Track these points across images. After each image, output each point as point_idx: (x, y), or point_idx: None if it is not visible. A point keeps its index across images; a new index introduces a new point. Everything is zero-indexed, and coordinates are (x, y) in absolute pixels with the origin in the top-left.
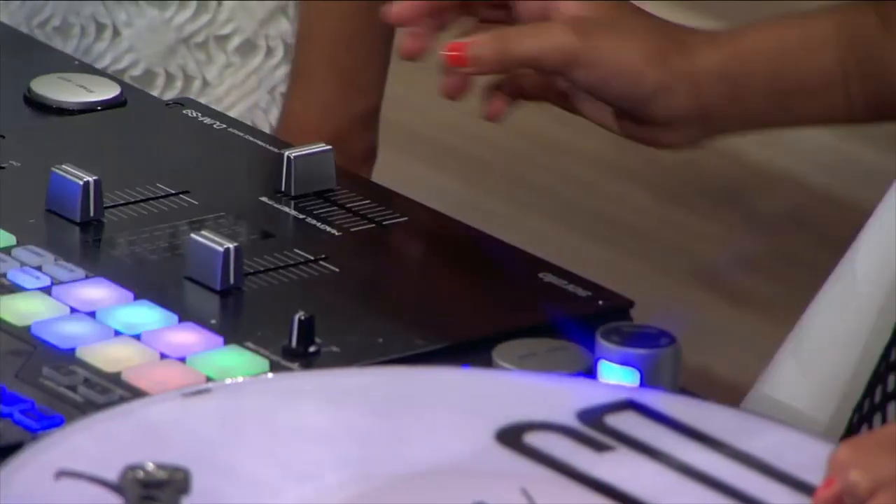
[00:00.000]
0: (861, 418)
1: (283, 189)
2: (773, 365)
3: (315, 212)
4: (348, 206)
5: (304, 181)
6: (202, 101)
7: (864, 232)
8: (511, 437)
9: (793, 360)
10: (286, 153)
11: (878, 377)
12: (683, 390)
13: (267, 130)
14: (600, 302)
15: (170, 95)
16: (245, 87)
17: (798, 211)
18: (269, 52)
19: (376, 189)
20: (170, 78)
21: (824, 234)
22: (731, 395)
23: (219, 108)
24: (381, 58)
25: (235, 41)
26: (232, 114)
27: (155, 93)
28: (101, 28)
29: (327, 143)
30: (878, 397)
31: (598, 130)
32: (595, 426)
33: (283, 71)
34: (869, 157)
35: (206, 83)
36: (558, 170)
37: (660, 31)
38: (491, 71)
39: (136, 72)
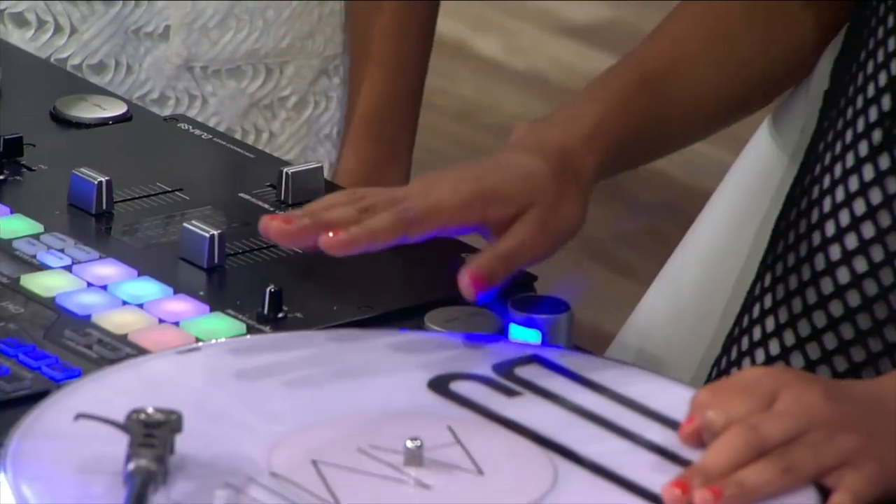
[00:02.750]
0: (719, 372)
1: (281, 199)
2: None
3: (283, 204)
4: (308, 199)
5: (298, 192)
6: (268, 149)
7: (709, 205)
8: (440, 385)
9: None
10: (284, 170)
11: (733, 338)
12: (576, 346)
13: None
14: (511, 277)
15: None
16: (299, 134)
17: (668, 200)
18: (316, 105)
19: (329, 186)
20: (245, 133)
21: (689, 218)
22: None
23: (279, 153)
24: (413, 122)
25: (292, 100)
26: (290, 155)
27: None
28: (192, 99)
29: None
30: (734, 355)
31: (508, 136)
32: (507, 376)
33: (326, 117)
34: (724, 157)
35: (271, 135)
36: None
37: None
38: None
39: (221, 129)
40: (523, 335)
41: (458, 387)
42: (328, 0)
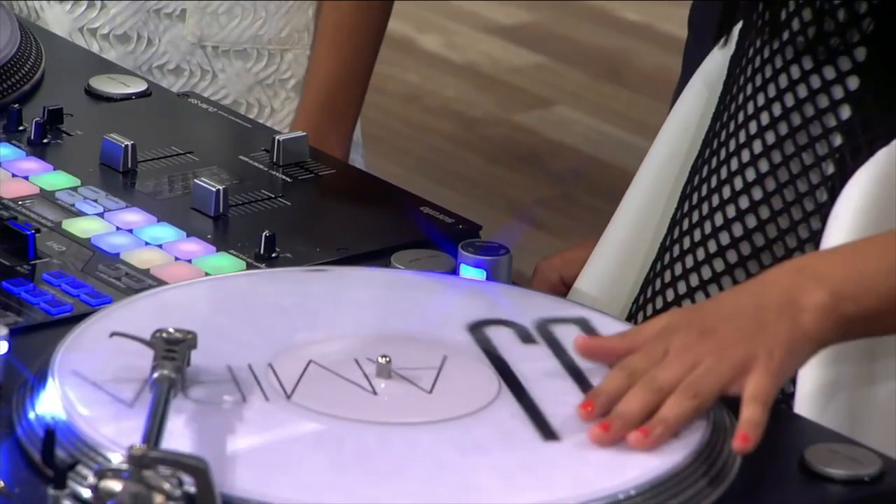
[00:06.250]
0: (637, 307)
1: (274, 161)
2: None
3: (275, 165)
4: (296, 162)
5: (288, 155)
6: (269, 122)
7: (644, 163)
8: (476, 326)
9: (599, 273)
10: (276, 137)
11: (648, 280)
12: (515, 283)
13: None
14: (460, 226)
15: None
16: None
17: (577, 169)
18: None
19: (314, 151)
20: (249, 107)
21: (593, 184)
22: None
23: (279, 127)
24: (359, 100)
25: (292, 83)
26: (289, 129)
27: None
28: (204, 73)
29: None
30: (649, 293)
31: (447, 115)
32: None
33: None
34: (621, 134)
35: (273, 110)
36: (426, 143)
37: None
38: None
39: (227, 101)
40: (471, 273)
41: (490, 330)
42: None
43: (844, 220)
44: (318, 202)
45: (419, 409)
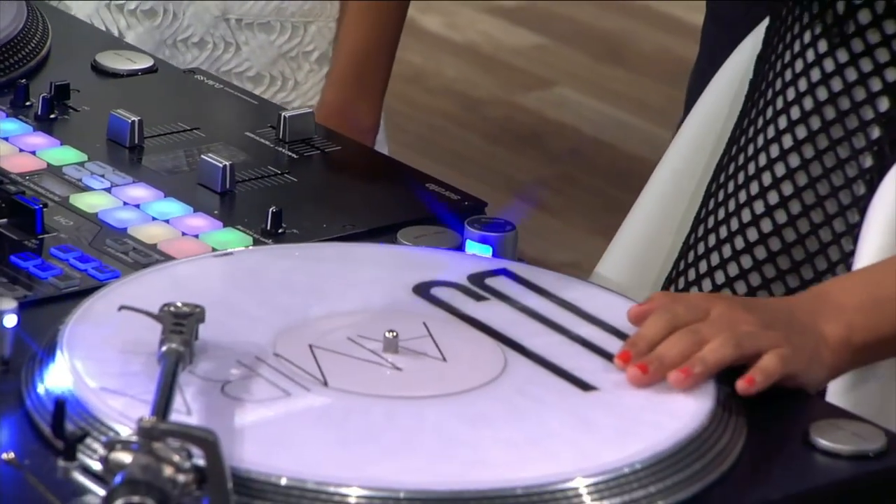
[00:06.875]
0: None
1: (280, 137)
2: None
3: (282, 142)
4: (302, 139)
5: (294, 132)
6: (293, 95)
7: (668, 151)
8: (422, 289)
9: (618, 261)
10: (282, 114)
11: (670, 280)
12: (520, 259)
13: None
14: (466, 202)
15: (273, 92)
16: (320, 85)
17: (578, 149)
18: None
19: (319, 128)
20: (273, 80)
21: (593, 164)
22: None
23: (303, 100)
24: (387, 69)
25: (315, 55)
26: (313, 102)
27: (262, 90)
28: (227, 45)
29: (346, 122)
30: (672, 290)
31: (448, 96)
32: (478, 285)
33: None
34: (622, 116)
35: (296, 83)
36: (427, 123)
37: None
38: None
39: (251, 74)
40: (477, 249)
41: (437, 291)
42: None
43: (883, 213)
44: (325, 178)
45: (448, 378)
